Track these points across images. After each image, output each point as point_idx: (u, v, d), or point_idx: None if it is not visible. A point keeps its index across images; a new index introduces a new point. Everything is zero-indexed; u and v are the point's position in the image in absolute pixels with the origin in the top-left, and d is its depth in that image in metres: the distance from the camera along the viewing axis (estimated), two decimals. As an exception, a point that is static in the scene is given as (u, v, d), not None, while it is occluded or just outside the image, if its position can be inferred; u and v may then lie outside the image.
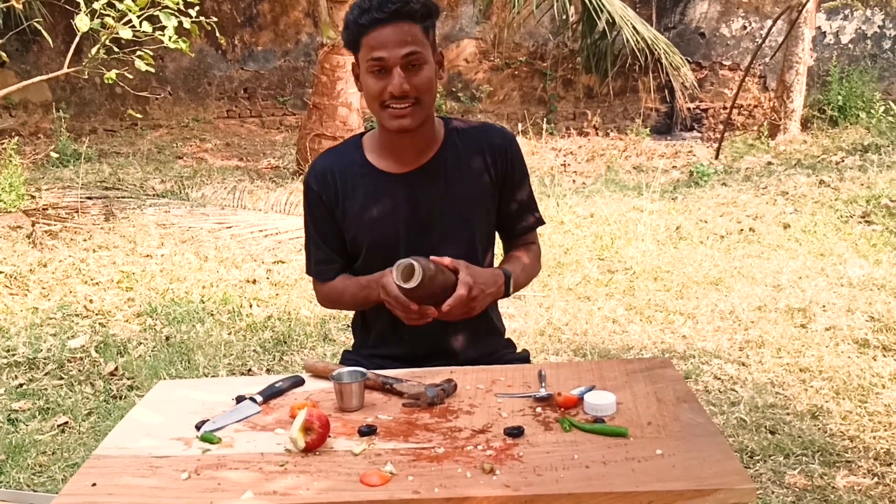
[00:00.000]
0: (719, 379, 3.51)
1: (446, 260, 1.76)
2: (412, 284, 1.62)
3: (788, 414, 3.17)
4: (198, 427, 1.60)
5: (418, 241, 1.89)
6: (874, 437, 2.96)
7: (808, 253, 5.14)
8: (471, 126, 2.00)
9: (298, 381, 1.81)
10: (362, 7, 1.77)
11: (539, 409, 1.62)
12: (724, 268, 4.91)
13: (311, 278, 2.08)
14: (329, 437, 1.52)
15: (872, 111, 8.63)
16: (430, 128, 1.92)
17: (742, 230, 5.67)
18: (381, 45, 1.76)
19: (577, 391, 1.65)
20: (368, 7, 1.76)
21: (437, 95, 10.11)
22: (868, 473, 2.74)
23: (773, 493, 2.65)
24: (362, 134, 2.02)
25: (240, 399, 1.72)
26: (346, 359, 2.09)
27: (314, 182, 1.96)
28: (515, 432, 1.51)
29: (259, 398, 1.71)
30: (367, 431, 1.55)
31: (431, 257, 1.70)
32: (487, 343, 2.05)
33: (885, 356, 3.62)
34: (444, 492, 1.34)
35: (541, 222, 2.08)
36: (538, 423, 1.56)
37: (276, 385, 1.76)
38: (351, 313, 2.16)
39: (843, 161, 7.34)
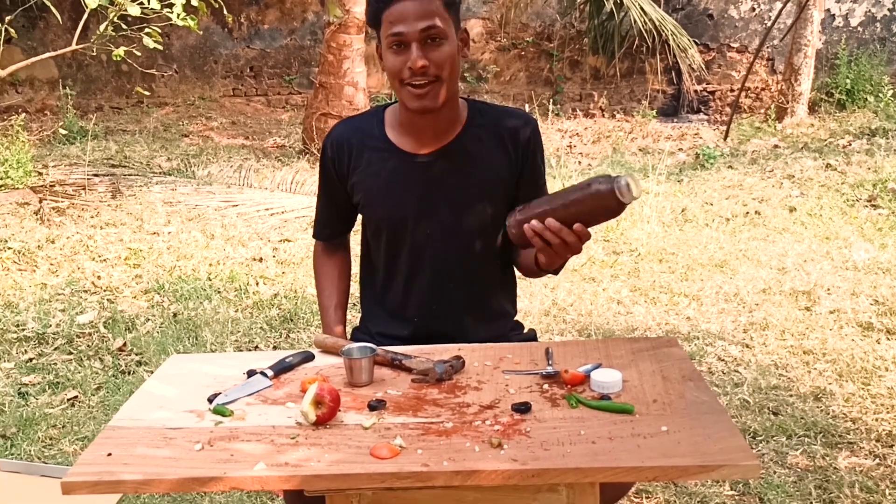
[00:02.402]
0: (723, 360, 3.53)
1: None
2: (627, 201, 1.55)
3: (791, 395, 3.19)
4: (210, 400, 1.63)
5: (428, 226, 1.89)
6: (876, 420, 2.99)
7: (813, 236, 5.14)
8: (495, 110, 1.96)
9: (308, 357, 1.83)
10: None
11: (546, 386, 1.64)
12: (729, 250, 4.92)
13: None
14: (339, 411, 1.54)
15: (881, 95, 8.58)
16: (453, 108, 1.87)
17: (748, 213, 5.67)
18: (399, 20, 1.72)
19: (584, 369, 1.66)
20: None
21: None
22: (870, 455, 2.77)
23: (775, 473, 2.68)
24: (386, 106, 1.97)
25: (251, 373, 1.74)
26: (354, 336, 2.11)
27: (329, 148, 1.97)
28: (523, 408, 1.53)
29: (270, 373, 1.73)
30: (377, 406, 1.57)
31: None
32: (496, 326, 2.04)
33: (888, 339, 3.64)
34: (453, 465, 1.36)
35: None
36: (545, 400, 1.58)
37: (287, 360, 1.79)
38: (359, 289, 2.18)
39: (850, 145, 7.32)
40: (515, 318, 2.14)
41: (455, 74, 1.81)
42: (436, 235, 1.82)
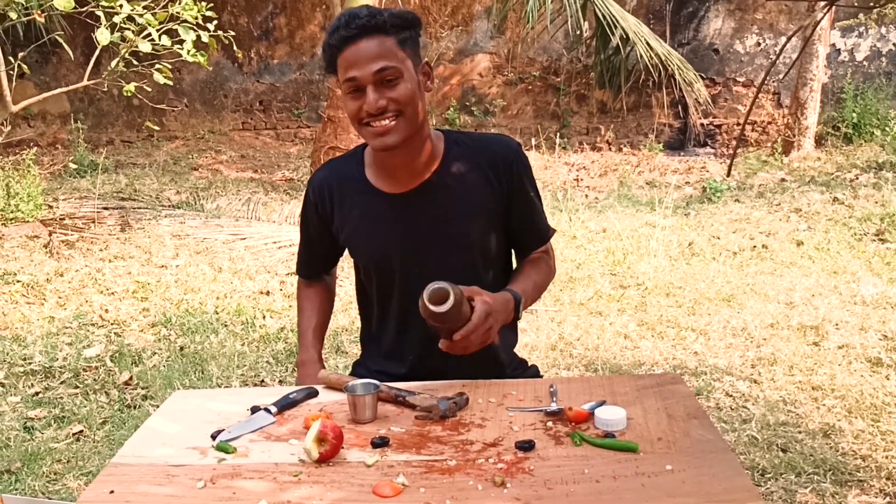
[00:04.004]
0: (731, 396, 3.50)
1: (464, 289, 1.68)
2: (443, 309, 1.60)
3: (800, 432, 3.16)
4: (213, 437, 1.63)
5: (413, 263, 1.87)
6: (887, 457, 2.95)
7: (821, 270, 5.13)
8: (474, 139, 1.95)
9: (312, 393, 1.83)
10: (334, 26, 1.74)
11: (550, 424, 1.63)
12: (736, 284, 4.90)
13: None
14: (342, 448, 1.53)
15: (887, 129, 8.61)
16: (424, 145, 1.85)
17: (755, 247, 5.67)
18: (352, 64, 1.72)
19: (588, 406, 1.66)
20: (337, 26, 1.72)
21: (451, 108, 10.03)
22: (880, 493, 2.73)
23: (784, 511, 2.65)
24: (366, 145, 1.93)
25: (255, 409, 1.74)
26: (355, 372, 2.11)
27: (312, 193, 1.99)
28: (526, 446, 1.53)
29: (273, 409, 1.73)
30: (380, 443, 1.57)
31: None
32: (496, 362, 2.00)
33: (898, 375, 3.61)
34: (456, 504, 1.35)
35: (552, 231, 2.04)
36: (549, 438, 1.57)
37: (291, 396, 1.79)
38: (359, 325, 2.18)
39: (857, 178, 7.32)
40: (520, 357, 2.12)
41: (416, 110, 1.77)
42: (425, 273, 1.74)
